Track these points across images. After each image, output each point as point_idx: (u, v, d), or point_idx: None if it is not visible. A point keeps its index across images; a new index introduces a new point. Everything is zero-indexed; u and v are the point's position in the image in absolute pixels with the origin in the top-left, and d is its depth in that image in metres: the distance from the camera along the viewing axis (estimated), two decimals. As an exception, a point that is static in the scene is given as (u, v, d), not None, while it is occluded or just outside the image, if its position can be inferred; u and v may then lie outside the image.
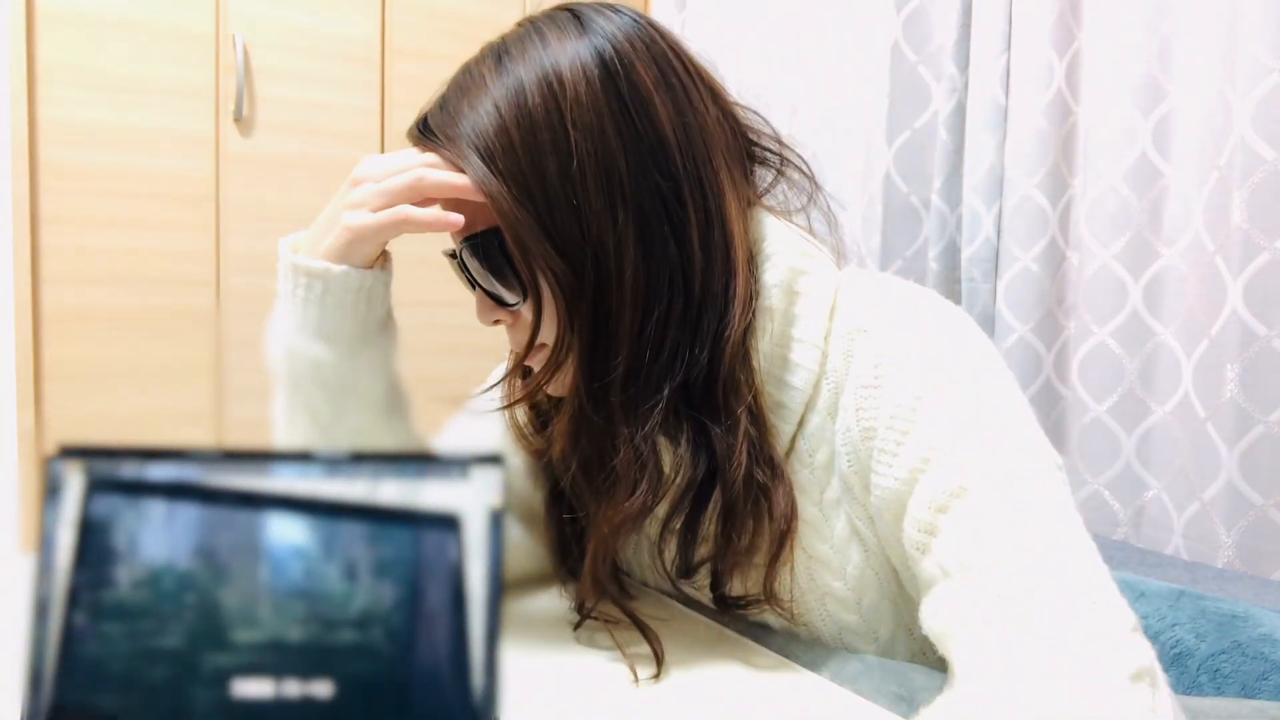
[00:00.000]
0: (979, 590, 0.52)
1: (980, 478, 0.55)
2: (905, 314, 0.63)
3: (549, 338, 0.63)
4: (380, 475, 0.33)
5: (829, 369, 0.63)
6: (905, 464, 0.58)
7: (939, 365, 0.59)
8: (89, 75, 1.90)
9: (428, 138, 0.64)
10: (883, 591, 0.66)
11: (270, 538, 0.32)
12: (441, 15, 2.28)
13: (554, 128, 0.59)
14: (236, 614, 0.32)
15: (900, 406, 0.59)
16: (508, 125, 0.60)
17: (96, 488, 0.32)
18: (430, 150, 0.63)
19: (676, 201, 0.61)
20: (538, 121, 0.59)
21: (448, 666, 0.32)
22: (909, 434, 0.58)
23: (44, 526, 0.31)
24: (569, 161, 0.59)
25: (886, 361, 0.61)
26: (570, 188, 0.59)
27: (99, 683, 0.31)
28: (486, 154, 0.60)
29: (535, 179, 0.59)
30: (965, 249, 2.07)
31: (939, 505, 0.56)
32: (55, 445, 0.32)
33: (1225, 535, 1.58)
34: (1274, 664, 0.75)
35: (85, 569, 0.31)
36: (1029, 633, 0.49)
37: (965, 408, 0.57)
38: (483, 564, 0.32)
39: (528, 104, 0.60)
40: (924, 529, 0.56)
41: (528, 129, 0.59)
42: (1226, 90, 1.58)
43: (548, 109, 0.59)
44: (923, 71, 2.20)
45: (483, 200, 0.60)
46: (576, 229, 0.59)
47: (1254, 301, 1.55)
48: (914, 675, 0.62)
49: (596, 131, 0.60)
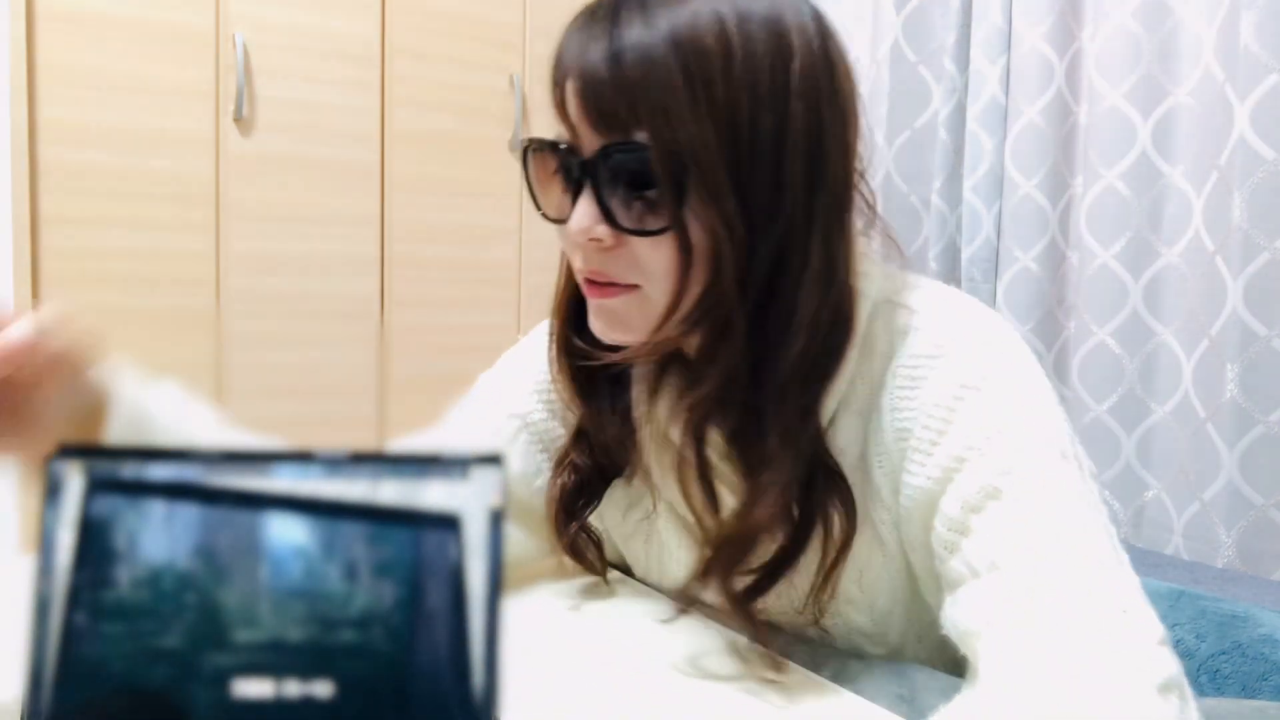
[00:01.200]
0: (1008, 591, 0.51)
1: (1015, 480, 0.55)
2: (945, 317, 0.62)
3: (657, 282, 0.60)
4: (380, 475, 0.33)
5: (864, 369, 0.63)
6: (939, 463, 0.58)
7: (977, 367, 0.59)
8: (89, 75, 1.90)
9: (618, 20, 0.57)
10: (895, 597, 0.65)
11: (270, 538, 0.32)
12: (441, 15, 2.28)
13: (774, 83, 0.56)
14: (236, 614, 0.32)
15: (938, 406, 0.59)
16: (732, 48, 0.55)
17: (96, 488, 0.32)
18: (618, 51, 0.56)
19: (843, 204, 0.61)
20: (761, 66, 0.56)
21: (448, 666, 0.32)
22: (945, 434, 0.58)
23: (44, 526, 0.31)
24: (784, 123, 0.57)
25: (925, 363, 0.60)
26: (778, 151, 0.57)
27: (99, 683, 0.31)
28: (698, 75, 0.55)
29: (748, 128, 0.56)
30: (965, 249, 2.07)
31: (972, 505, 0.55)
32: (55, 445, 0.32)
33: (1225, 535, 1.58)
34: (1274, 665, 0.75)
35: (85, 569, 0.31)
36: (1057, 637, 0.48)
37: (1003, 410, 0.57)
38: (483, 564, 0.32)
39: (753, 39, 0.56)
40: (955, 528, 0.56)
41: (750, 69, 0.56)
42: (1226, 90, 1.58)
43: (772, 62, 0.56)
44: (923, 71, 2.20)
45: None
46: (772, 197, 0.57)
47: (1254, 301, 1.55)
48: (915, 675, 0.62)
49: (814, 106, 0.58)
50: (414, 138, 2.26)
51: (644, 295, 0.61)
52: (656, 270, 0.59)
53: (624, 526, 0.77)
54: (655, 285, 0.60)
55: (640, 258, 0.59)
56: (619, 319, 0.63)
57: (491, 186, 2.38)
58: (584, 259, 0.61)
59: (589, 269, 0.62)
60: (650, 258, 0.59)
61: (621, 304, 0.62)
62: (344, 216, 2.18)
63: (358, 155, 2.19)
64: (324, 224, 2.14)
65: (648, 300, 0.61)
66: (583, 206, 0.59)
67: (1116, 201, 1.79)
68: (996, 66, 2.00)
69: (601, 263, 0.61)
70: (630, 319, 0.62)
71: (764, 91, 0.56)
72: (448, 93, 2.30)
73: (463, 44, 2.32)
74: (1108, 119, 1.79)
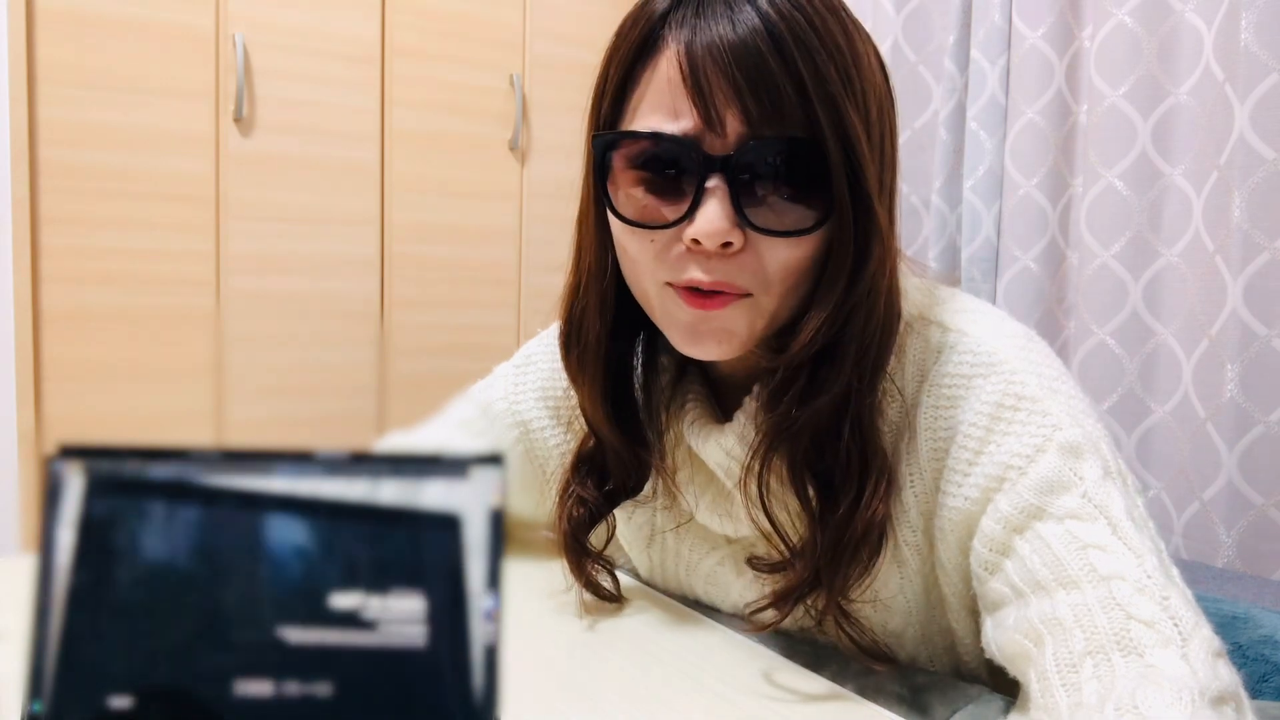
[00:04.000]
0: (1055, 610, 0.50)
1: (1058, 499, 0.53)
2: (981, 336, 0.60)
3: (774, 287, 0.57)
4: (380, 475, 0.33)
5: (899, 386, 0.61)
6: (977, 483, 0.56)
7: (1014, 386, 0.57)
8: (89, 75, 1.90)
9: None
10: (909, 619, 0.64)
11: (270, 538, 0.32)
12: (441, 15, 2.28)
13: (877, 73, 0.58)
14: (236, 614, 0.32)
15: (975, 426, 0.57)
16: (858, 56, 0.56)
17: (96, 488, 0.32)
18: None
19: (895, 189, 0.61)
20: (869, 64, 0.57)
21: (448, 666, 0.32)
22: (982, 453, 0.57)
23: (44, 526, 0.31)
24: (885, 111, 0.58)
25: (963, 383, 0.59)
26: (884, 137, 0.58)
27: (99, 683, 0.31)
28: (844, 70, 0.54)
29: (875, 118, 0.56)
30: (965, 249, 2.07)
31: (1015, 525, 0.54)
32: (55, 445, 0.32)
33: (1225, 535, 1.58)
34: (1275, 666, 0.75)
35: (85, 569, 0.31)
36: (1108, 655, 0.47)
37: (1042, 428, 0.55)
38: (483, 564, 0.32)
39: (853, 34, 0.56)
40: (996, 548, 0.55)
41: (867, 68, 0.57)
42: (1226, 90, 1.58)
43: (865, 52, 0.57)
44: (923, 71, 2.20)
45: None
46: (884, 180, 0.58)
47: (1254, 301, 1.55)
48: (915, 676, 0.62)
49: (887, 93, 0.59)
50: (414, 138, 2.26)
51: (755, 303, 0.57)
52: (777, 274, 0.56)
53: (628, 531, 0.77)
54: (770, 291, 0.57)
55: (766, 261, 0.56)
56: (728, 332, 0.57)
57: (491, 186, 2.38)
58: (701, 268, 0.56)
59: (709, 278, 0.55)
60: (776, 259, 0.55)
61: (731, 315, 0.57)
62: (344, 216, 2.18)
63: (358, 155, 2.19)
64: (324, 224, 2.14)
65: (757, 306, 0.57)
66: (715, 207, 0.53)
67: (1116, 201, 1.79)
68: (996, 66, 2.00)
69: (723, 270, 0.55)
70: (738, 329, 0.57)
71: (876, 80, 0.57)
72: (448, 93, 2.30)
73: (463, 44, 2.32)
74: (1108, 119, 1.79)
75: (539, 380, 0.78)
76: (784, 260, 0.56)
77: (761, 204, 0.54)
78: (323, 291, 2.17)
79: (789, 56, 0.52)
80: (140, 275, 1.98)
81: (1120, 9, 1.77)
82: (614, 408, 0.66)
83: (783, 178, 0.54)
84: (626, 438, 0.67)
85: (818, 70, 0.52)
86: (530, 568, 0.78)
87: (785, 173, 0.54)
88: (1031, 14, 1.93)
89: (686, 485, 0.69)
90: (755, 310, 0.57)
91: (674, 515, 0.72)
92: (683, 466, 0.69)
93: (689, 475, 0.69)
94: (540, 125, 2.40)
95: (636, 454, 0.67)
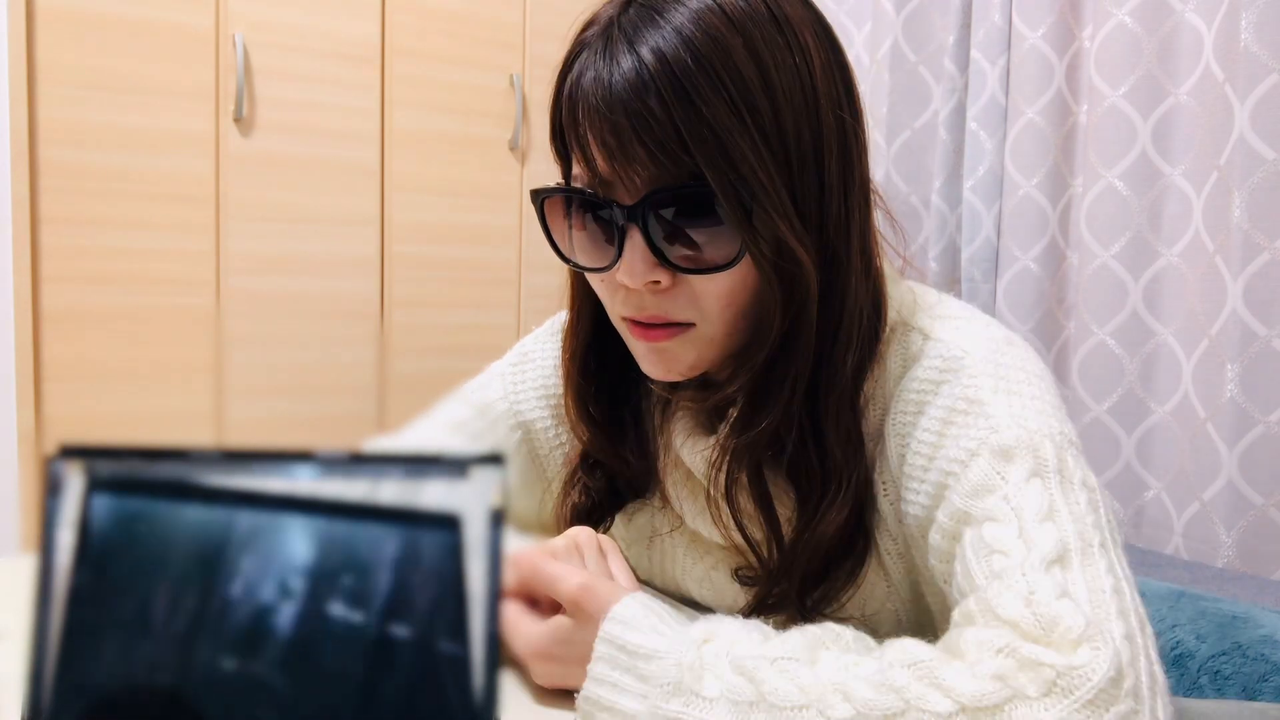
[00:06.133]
0: (961, 617, 0.49)
1: (981, 501, 0.52)
2: (953, 344, 0.60)
3: (714, 315, 0.58)
4: (380, 475, 0.33)
5: (877, 393, 0.62)
6: (928, 490, 0.56)
7: (968, 392, 0.57)
8: (89, 75, 1.90)
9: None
10: (899, 630, 0.64)
11: (270, 537, 0.32)
12: (441, 15, 2.28)
13: (805, 91, 0.55)
14: (236, 614, 0.32)
15: (928, 432, 0.57)
16: (769, 80, 0.54)
17: (96, 488, 0.32)
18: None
19: (868, 199, 0.61)
20: (789, 84, 0.55)
21: (448, 667, 0.32)
22: (934, 459, 0.56)
23: (44, 526, 0.31)
24: (819, 129, 0.56)
25: (929, 388, 0.59)
26: (818, 158, 0.56)
27: (99, 682, 0.31)
28: (742, 102, 0.53)
29: (793, 142, 0.55)
30: (965, 249, 2.07)
31: (951, 532, 0.54)
32: (55, 445, 0.32)
33: (1225, 535, 1.58)
34: (1275, 665, 0.75)
35: (85, 569, 0.31)
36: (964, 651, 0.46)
37: (980, 432, 0.55)
38: (483, 564, 0.32)
39: (777, 47, 0.55)
40: (943, 558, 0.55)
41: (785, 89, 0.55)
42: (1226, 90, 1.58)
43: (798, 68, 0.55)
44: (923, 71, 2.20)
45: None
46: (818, 203, 0.57)
47: (1254, 301, 1.55)
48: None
49: (838, 106, 0.57)
50: (414, 138, 2.26)
51: (698, 332, 0.59)
52: (714, 304, 0.58)
53: (625, 532, 0.77)
54: (710, 320, 0.58)
55: (699, 294, 0.57)
56: (675, 358, 0.61)
57: (491, 186, 2.38)
58: (636, 304, 0.59)
59: (644, 313, 0.59)
60: (708, 292, 0.57)
61: (677, 344, 0.60)
62: (344, 217, 2.17)
63: (358, 155, 2.19)
64: (324, 224, 2.14)
65: (701, 335, 0.59)
66: (633, 252, 0.56)
67: (1116, 201, 1.79)
68: (996, 66, 2.00)
69: (657, 305, 0.58)
70: (685, 356, 0.60)
71: (799, 101, 0.55)
72: (448, 93, 2.30)
73: (463, 44, 2.32)
74: (1108, 119, 1.79)
75: (539, 378, 0.78)
76: (716, 292, 0.57)
77: (677, 242, 0.56)
78: (322, 291, 2.16)
79: (667, 101, 0.52)
80: (140, 275, 1.98)
81: (1120, 9, 1.77)
82: (601, 410, 0.69)
83: (691, 217, 0.55)
84: (605, 441, 0.69)
85: (698, 113, 0.52)
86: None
87: (693, 212, 0.55)
88: (1031, 14, 1.93)
89: (678, 490, 0.69)
90: (700, 338, 0.59)
91: (670, 518, 0.72)
92: (674, 471, 0.69)
93: (680, 480, 0.69)
94: (540, 125, 2.40)
95: (620, 454, 0.70)
